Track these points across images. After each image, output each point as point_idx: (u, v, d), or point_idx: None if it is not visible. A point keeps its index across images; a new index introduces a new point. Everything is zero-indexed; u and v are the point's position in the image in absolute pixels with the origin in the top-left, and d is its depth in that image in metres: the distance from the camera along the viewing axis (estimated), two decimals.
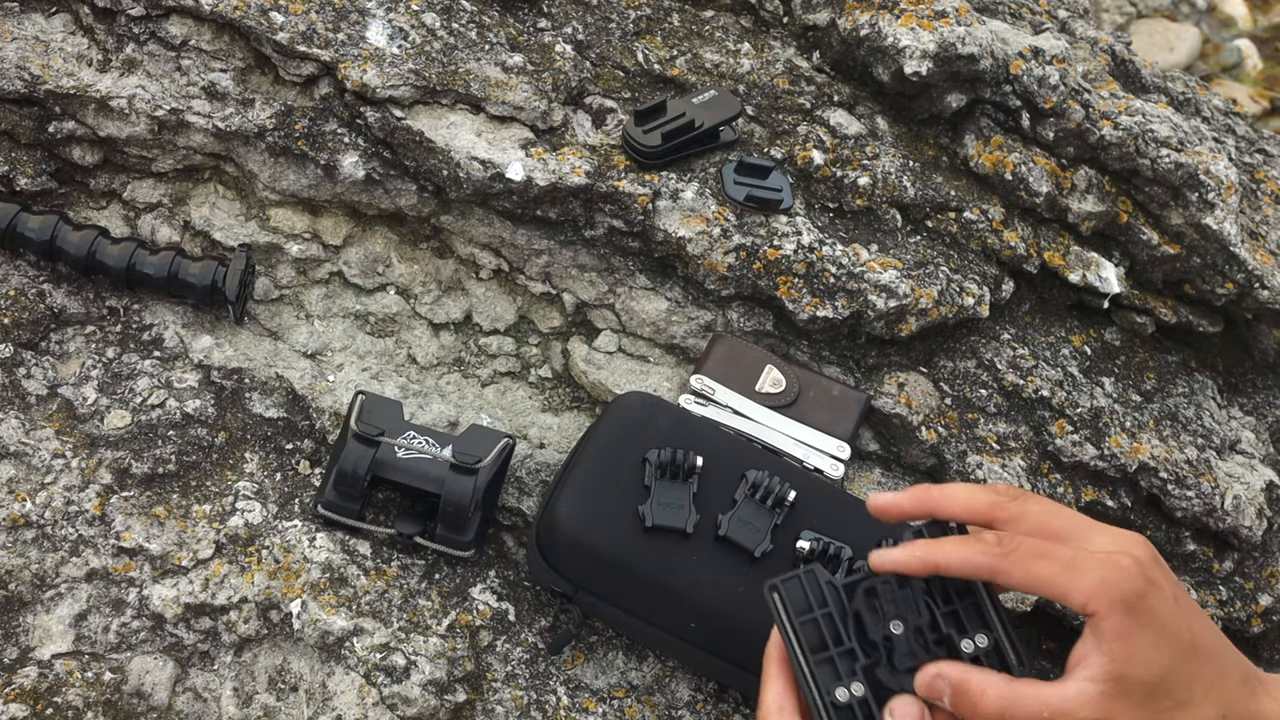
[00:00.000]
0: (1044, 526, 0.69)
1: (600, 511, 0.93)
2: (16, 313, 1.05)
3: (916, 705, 0.69)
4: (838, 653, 0.70)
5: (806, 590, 0.72)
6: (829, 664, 0.70)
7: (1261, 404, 1.32)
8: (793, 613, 0.71)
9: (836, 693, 0.69)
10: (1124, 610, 0.65)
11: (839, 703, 0.69)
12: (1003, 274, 1.21)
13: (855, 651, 0.70)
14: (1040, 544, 0.68)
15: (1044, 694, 0.67)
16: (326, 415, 1.06)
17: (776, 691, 0.72)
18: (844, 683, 0.70)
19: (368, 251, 1.16)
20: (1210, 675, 0.67)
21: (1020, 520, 0.70)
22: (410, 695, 0.92)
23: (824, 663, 0.70)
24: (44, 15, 1.14)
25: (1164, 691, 0.66)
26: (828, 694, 0.69)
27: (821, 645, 0.71)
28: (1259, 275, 1.21)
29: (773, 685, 0.73)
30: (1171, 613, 0.67)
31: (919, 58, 1.19)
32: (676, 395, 1.11)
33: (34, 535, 0.94)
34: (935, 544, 0.70)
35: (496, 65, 1.16)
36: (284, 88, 1.13)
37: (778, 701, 0.72)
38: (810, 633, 0.71)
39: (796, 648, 0.71)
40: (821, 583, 0.72)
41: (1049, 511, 0.70)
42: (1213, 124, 1.46)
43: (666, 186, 1.14)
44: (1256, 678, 0.71)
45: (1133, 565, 0.66)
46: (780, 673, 0.72)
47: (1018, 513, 0.70)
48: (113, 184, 1.14)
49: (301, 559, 0.96)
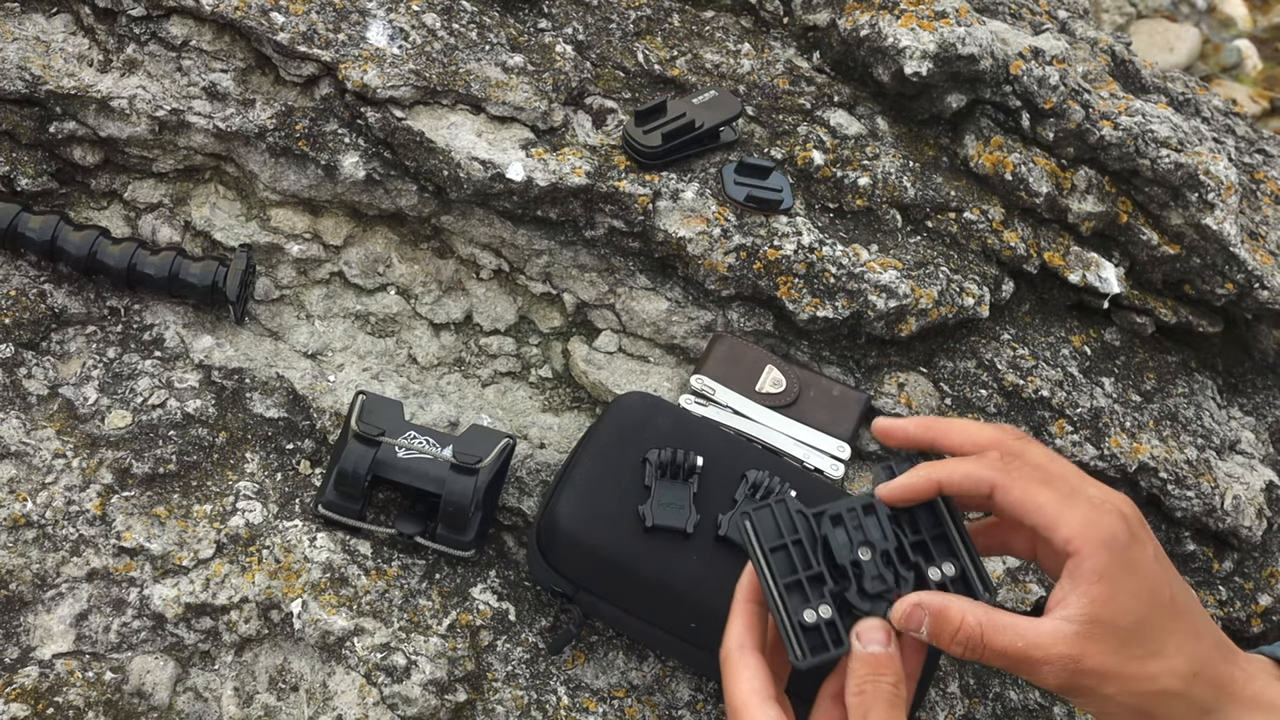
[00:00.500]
0: (1041, 470, 0.71)
1: (600, 511, 0.93)
2: (17, 313, 1.05)
3: (883, 629, 0.70)
4: (807, 577, 0.72)
5: (777, 519, 0.73)
6: (798, 588, 0.71)
7: (1261, 404, 1.32)
8: (764, 540, 0.73)
9: (804, 614, 0.70)
10: (1107, 553, 0.66)
11: (806, 624, 0.70)
12: (1003, 274, 1.21)
13: (824, 576, 0.72)
14: (1042, 471, 0.69)
15: (1020, 626, 0.68)
16: (327, 415, 1.06)
17: (738, 629, 0.73)
18: (812, 605, 0.71)
19: (368, 252, 1.16)
20: (1185, 631, 0.69)
21: (1021, 460, 0.71)
22: (411, 695, 0.92)
23: (793, 587, 0.72)
24: (45, 16, 1.14)
25: (1138, 639, 0.67)
26: (795, 615, 0.70)
27: (791, 571, 0.72)
28: (1259, 275, 1.22)
29: (735, 623, 0.73)
30: (1152, 567, 0.68)
31: (919, 58, 1.19)
32: (677, 395, 1.12)
33: (35, 535, 0.95)
34: (940, 463, 0.72)
35: (497, 65, 1.16)
36: (284, 88, 1.13)
37: (739, 640, 0.72)
38: (780, 560, 0.72)
39: (767, 573, 0.72)
40: (791, 511, 0.74)
41: (1048, 456, 0.72)
42: (1213, 124, 1.46)
43: (667, 187, 1.14)
44: (1229, 645, 0.72)
45: (1120, 515, 0.68)
46: (744, 610, 0.73)
47: (1019, 452, 0.71)
48: (113, 184, 1.14)
49: (302, 559, 0.96)
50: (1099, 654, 0.67)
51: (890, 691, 0.67)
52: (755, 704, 0.70)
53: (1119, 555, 0.66)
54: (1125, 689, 0.67)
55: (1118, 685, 0.67)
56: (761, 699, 0.70)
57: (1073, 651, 0.66)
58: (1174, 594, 0.68)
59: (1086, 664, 0.67)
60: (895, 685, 0.68)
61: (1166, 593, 0.68)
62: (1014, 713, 1.09)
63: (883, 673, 0.68)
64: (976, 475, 0.70)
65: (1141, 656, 0.67)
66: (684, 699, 0.99)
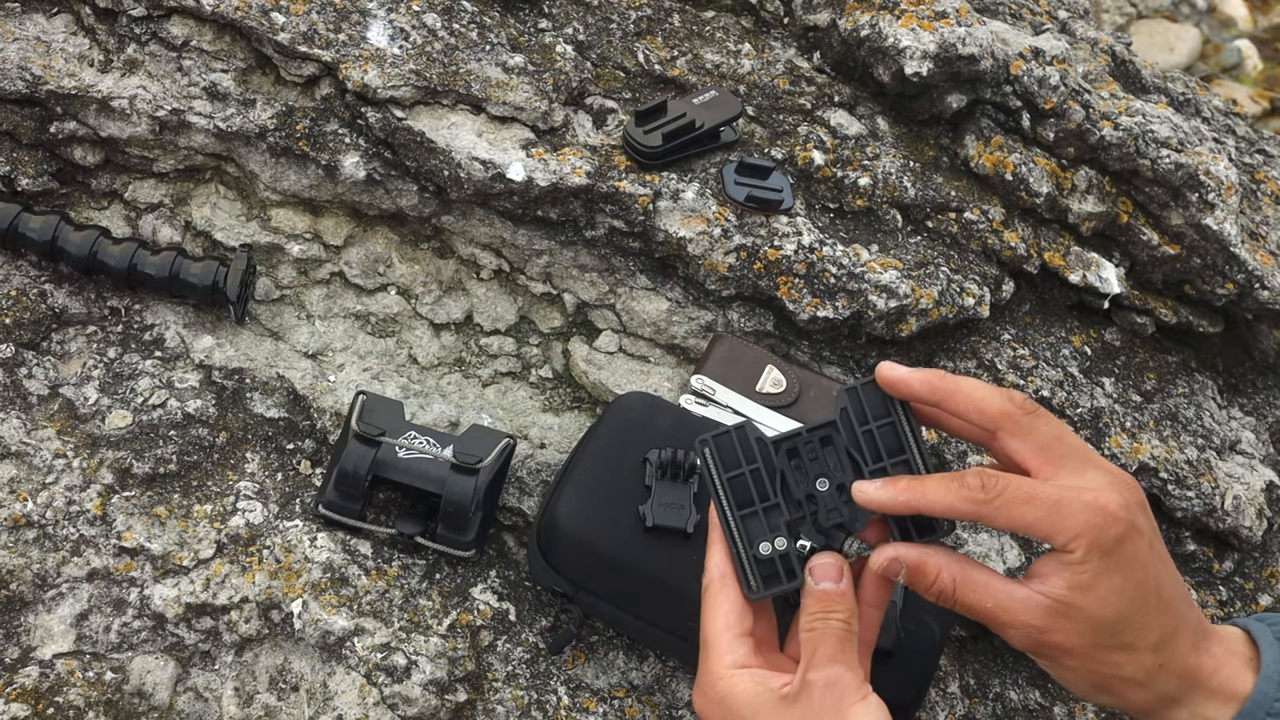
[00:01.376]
0: (1047, 449, 0.69)
1: (601, 511, 0.93)
2: (18, 313, 1.05)
3: (836, 565, 0.69)
4: (763, 508, 0.71)
5: (737, 446, 0.72)
6: (755, 518, 0.71)
7: (1261, 404, 1.32)
8: (722, 468, 0.72)
9: (760, 547, 0.70)
10: (1100, 554, 0.66)
11: (761, 556, 0.70)
12: (1003, 274, 1.21)
13: (780, 507, 0.71)
14: (1026, 489, 0.67)
15: (994, 586, 0.68)
16: (327, 415, 1.06)
17: (718, 559, 0.73)
18: (768, 537, 0.70)
19: (369, 252, 1.16)
20: (1163, 628, 0.69)
21: (1028, 435, 0.70)
22: (411, 695, 0.92)
23: (750, 517, 0.71)
24: (45, 16, 1.14)
25: (1110, 631, 0.67)
26: (750, 548, 0.70)
27: (748, 501, 0.71)
28: (1259, 276, 1.22)
29: (714, 552, 0.73)
30: (1145, 560, 0.68)
31: (919, 58, 1.19)
32: (677, 395, 1.12)
33: (35, 535, 0.95)
34: (918, 484, 0.70)
35: (497, 66, 1.16)
36: (285, 88, 1.13)
37: (720, 569, 0.72)
38: (739, 488, 0.71)
39: (724, 502, 0.71)
40: (751, 439, 0.72)
41: (1056, 434, 0.70)
42: (1213, 124, 1.46)
43: (667, 187, 1.14)
44: (1204, 632, 0.72)
45: (1118, 509, 0.67)
46: (723, 539, 0.73)
47: (1027, 427, 0.70)
48: (114, 184, 1.14)
49: (302, 559, 0.96)
50: (1065, 632, 0.67)
51: (840, 628, 0.68)
52: (726, 640, 0.70)
53: (1112, 553, 0.66)
54: (1086, 667, 0.68)
55: (1078, 663, 0.68)
56: (733, 635, 0.70)
57: (1040, 623, 0.67)
58: (1160, 587, 0.68)
59: (1051, 638, 0.67)
60: (846, 621, 0.68)
61: (1152, 586, 0.68)
62: (1014, 713, 1.09)
63: (833, 609, 0.68)
64: (958, 509, 0.68)
65: (1110, 646, 0.67)
66: (684, 699, 0.99)
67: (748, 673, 0.69)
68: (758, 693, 0.68)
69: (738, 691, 0.68)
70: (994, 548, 1.11)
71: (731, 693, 0.68)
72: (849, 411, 0.72)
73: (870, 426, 0.71)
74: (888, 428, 0.71)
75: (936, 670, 1.03)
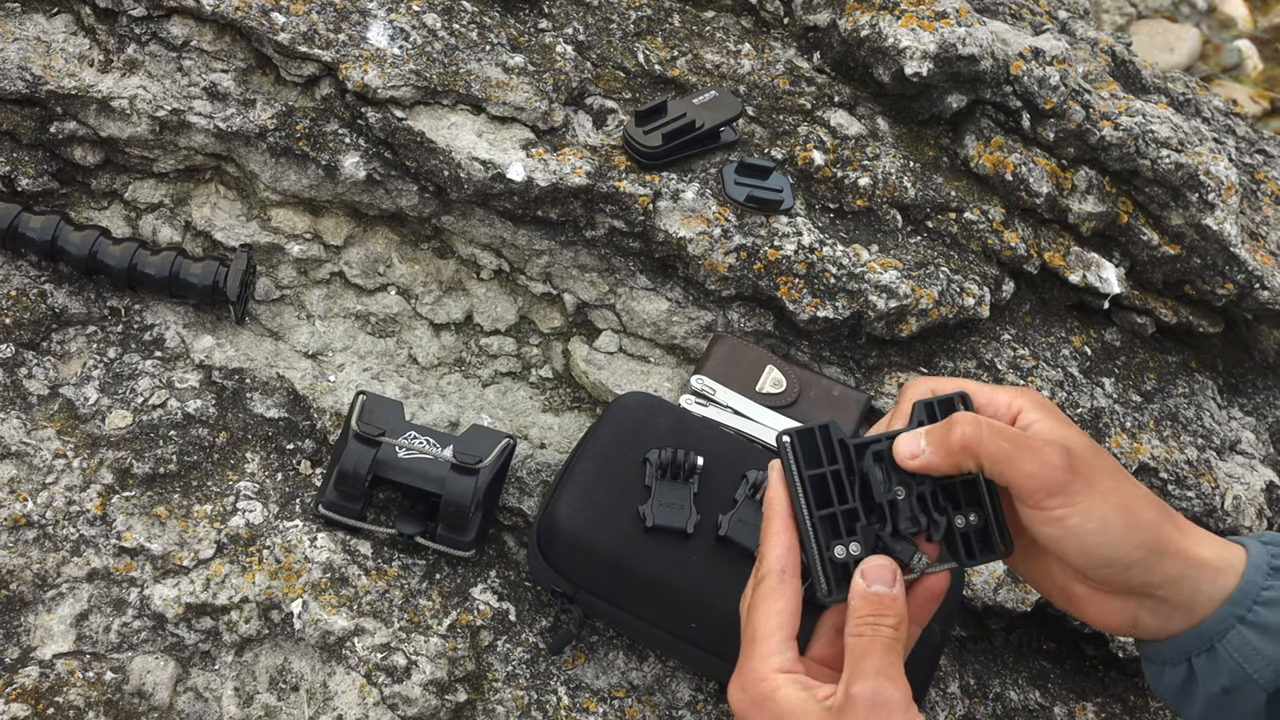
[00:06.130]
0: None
1: (601, 511, 0.93)
2: (18, 313, 1.05)
3: (891, 568, 0.68)
4: (841, 510, 0.69)
5: (820, 444, 0.70)
6: (831, 520, 0.69)
7: (1261, 404, 1.32)
8: (804, 464, 0.70)
9: (835, 550, 0.68)
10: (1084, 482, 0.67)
11: (836, 559, 0.68)
12: (1003, 274, 1.21)
13: (858, 512, 0.69)
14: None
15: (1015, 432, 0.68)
16: (327, 415, 1.06)
17: (781, 550, 0.69)
18: (843, 541, 0.69)
19: (369, 252, 1.16)
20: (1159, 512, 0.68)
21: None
22: (411, 695, 0.92)
23: (827, 519, 0.69)
24: (45, 16, 1.14)
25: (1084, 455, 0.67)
26: (827, 549, 0.68)
27: (827, 501, 0.69)
28: (1259, 276, 1.22)
29: (778, 543, 0.69)
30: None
31: (919, 58, 1.19)
32: (677, 395, 1.12)
33: (35, 535, 0.95)
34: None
35: (497, 66, 1.16)
36: (285, 88, 1.13)
37: (780, 563, 0.69)
38: (818, 488, 0.69)
39: (803, 500, 0.69)
40: (834, 440, 0.71)
41: (1057, 429, 0.70)
42: (1213, 125, 1.46)
43: (667, 187, 1.14)
44: (1189, 527, 0.70)
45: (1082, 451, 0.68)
46: (786, 529, 0.70)
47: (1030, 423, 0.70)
48: (114, 184, 1.14)
49: (302, 559, 0.96)
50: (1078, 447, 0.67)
51: (889, 635, 0.66)
52: (777, 640, 0.67)
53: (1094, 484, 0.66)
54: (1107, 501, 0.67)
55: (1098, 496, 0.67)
56: (784, 636, 0.67)
57: (1056, 437, 0.67)
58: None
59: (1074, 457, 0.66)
60: (895, 627, 0.66)
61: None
62: (1014, 713, 1.09)
63: (885, 614, 0.66)
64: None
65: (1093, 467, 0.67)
66: (684, 699, 0.99)
67: (794, 679, 0.66)
68: (802, 700, 0.65)
69: (781, 697, 0.66)
70: None
71: (774, 697, 0.66)
72: (924, 423, 0.71)
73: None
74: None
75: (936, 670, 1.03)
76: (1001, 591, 1.09)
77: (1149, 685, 0.71)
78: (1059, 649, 1.18)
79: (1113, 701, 1.16)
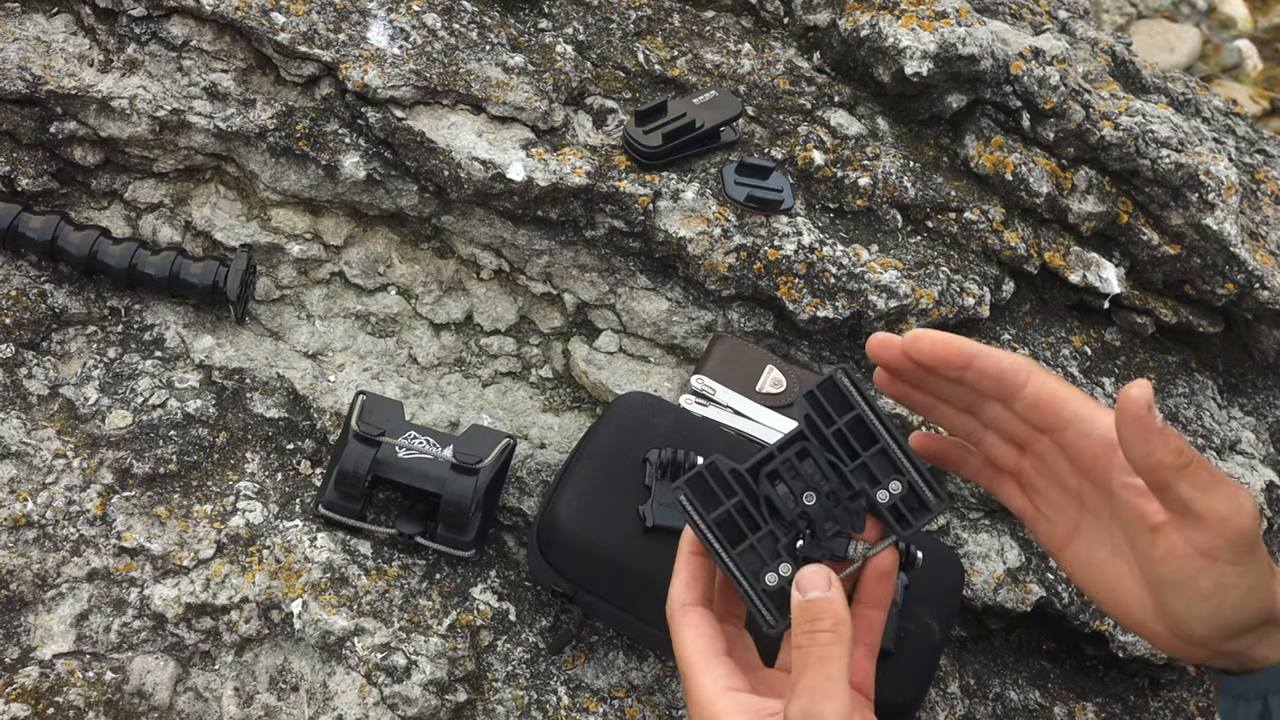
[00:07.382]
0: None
1: (601, 511, 0.93)
2: (18, 313, 1.05)
3: (823, 574, 0.67)
4: (757, 539, 0.68)
5: (712, 484, 0.69)
6: (751, 552, 0.68)
7: (1261, 404, 1.32)
8: (703, 510, 0.69)
9: (765, 579, 0.68)
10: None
11: (770, 588, 0.67)
12: (1003, 274, 1.21)
13: (774, 533, 0.68)
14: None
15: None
16: (327, 415, 1.06)
17: (679, 586, 0.71)
18: (771, 566, 0.68)
19: (369, 252, 1.16)
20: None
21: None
22: (411, 695, 0.92)
23: (746, 552, 0.68)
24: (45, 16, 1.14)
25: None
26: (757, 582, 0.68)
27: (739, 535, 0.68)
28: (1259, 276, 1.22)
29: (677, 580, 0.71)
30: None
31: (919, 58, 1.19)
32: (677, 395, 1.12)
33: (35, 535, 0.95)
34: (975, 343, 0.73)
35: (497, 66, 1.16)
36: (285, 88, 1.13)
37: (680, 598, 0.70)
38: (726, 526, 0.68)
39: (717, 546, 0.68)
40: (725, 473, 0.69)
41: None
42: (1213, 124, 1.46)
43: (667, 187, 1.14)
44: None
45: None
46: (686, 564, 0.71)
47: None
48: (114, 184, 1.14)
49: (302, 559, 0.96)
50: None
51: (826, 641, 0.65)
52: (701, 663, 0.68)
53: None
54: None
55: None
56: (707, 657, 0.68)
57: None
58: None
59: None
60: (833, 629, 0.65)
61: None
62: (1014, 713, 1.09)
63: (819, 618, 0.66)
64: (1016, 361, 0.71)
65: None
66: (684, 699, 0.99)
67: (731, 697, 0.66)
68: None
69: (724, 716, 0.66)
70: (994, 548, 1.11)
71: (719, 717, 0.66)
72: (813, 418, 0.70)
73: (838, 425, 0.69)
74: (854, 421, 0.69)
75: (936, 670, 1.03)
76: (1001, 591, 1.09)
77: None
78: (1059, 649, 1.18)
79: (1113, 701, 1.16)
